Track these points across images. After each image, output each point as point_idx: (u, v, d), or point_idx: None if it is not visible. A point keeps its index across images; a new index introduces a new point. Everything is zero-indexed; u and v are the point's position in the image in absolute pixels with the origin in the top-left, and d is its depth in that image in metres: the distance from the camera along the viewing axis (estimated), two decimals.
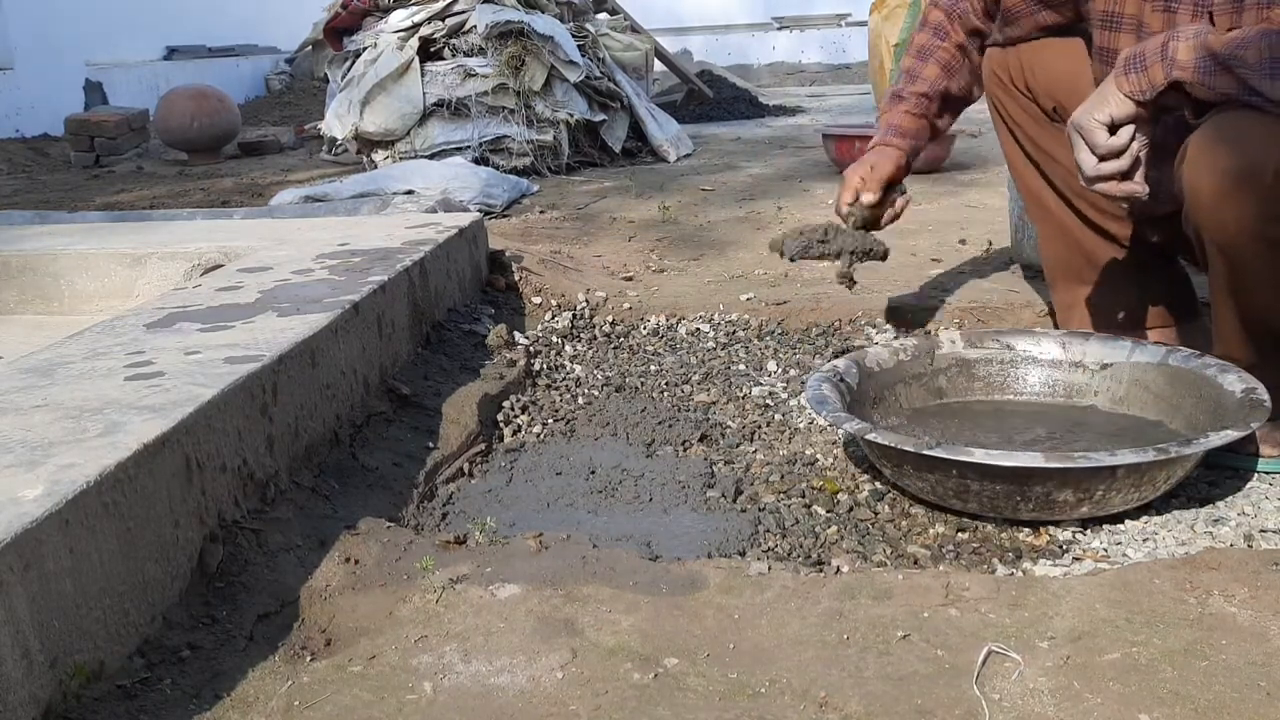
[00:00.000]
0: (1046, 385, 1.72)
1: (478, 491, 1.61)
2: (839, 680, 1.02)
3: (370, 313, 1.74)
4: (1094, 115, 1.44)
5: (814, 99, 8.21)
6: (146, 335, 1.53)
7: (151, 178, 5.31)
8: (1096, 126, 1.44)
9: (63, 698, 0.95)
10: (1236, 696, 0.96)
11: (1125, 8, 1.59)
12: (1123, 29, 1.61)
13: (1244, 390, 1.45)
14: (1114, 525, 1.41)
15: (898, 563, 1.35)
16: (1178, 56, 1.38)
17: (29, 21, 7.26)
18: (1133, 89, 1.42)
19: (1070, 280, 1.87)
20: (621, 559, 1.26)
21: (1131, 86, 1.42)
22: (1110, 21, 1.61)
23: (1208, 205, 1.39)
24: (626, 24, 6.68)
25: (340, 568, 1.25)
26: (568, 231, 3.34)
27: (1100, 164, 1.44)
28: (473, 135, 4.60)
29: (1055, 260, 1.88)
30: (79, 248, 2.33)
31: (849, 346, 2.15)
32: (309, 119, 6.62)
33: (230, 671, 1.07)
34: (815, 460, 1.65)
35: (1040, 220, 1.89)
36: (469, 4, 4.81)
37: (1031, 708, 0.97)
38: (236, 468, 1.28)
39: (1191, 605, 1.10)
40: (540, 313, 2.42)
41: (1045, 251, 1.91)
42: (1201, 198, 1.40)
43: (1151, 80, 1.40)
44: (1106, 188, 1.46)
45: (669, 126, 5.35)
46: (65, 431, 1.14)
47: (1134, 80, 1.41)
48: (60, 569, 0.96)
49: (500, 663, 1.07)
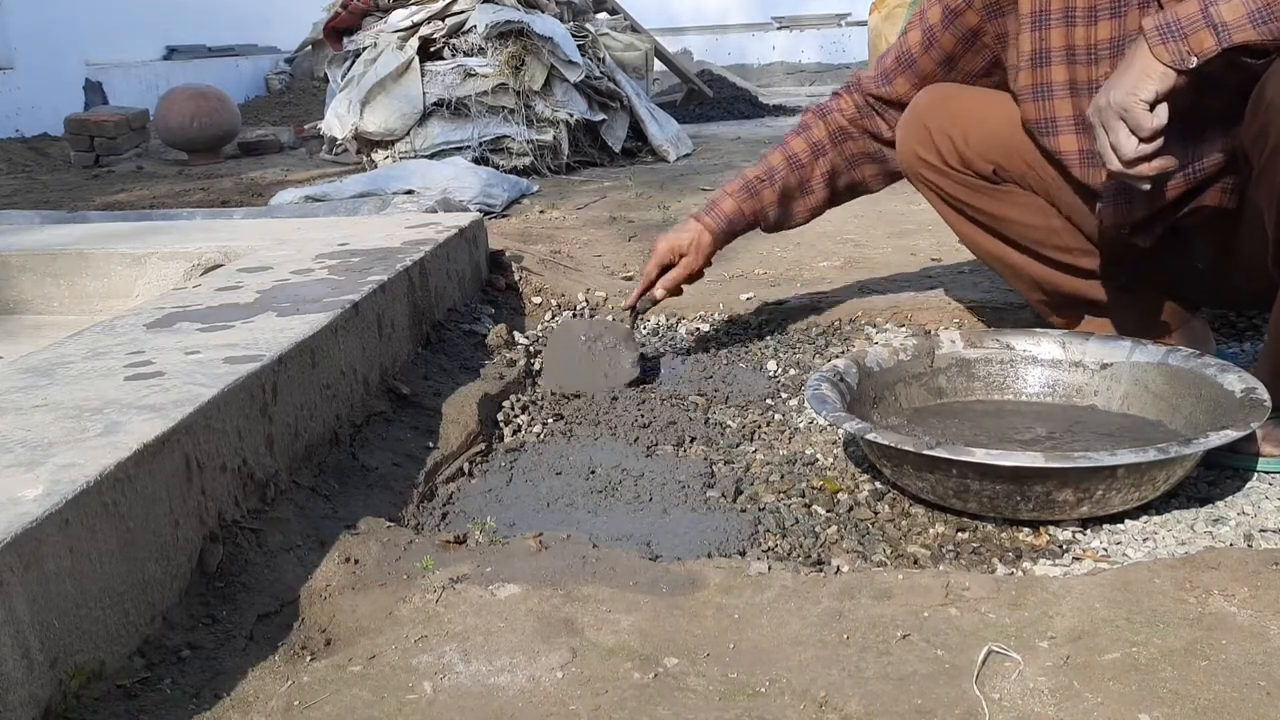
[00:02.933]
0: (1046, 385, 1.72)
1: (478, 491, 1.61)
2: (839, 680, 1.02)
3: (370, 312, 1.74)
4: (1139, 95, 1.34)
5: (814, 99, 8.21)
6: (146, 335, 1.53)
7: (151, 178, 5.31)
8: (1142, 108, 1.35)
9: (63, 698, 0.95)
10: (1236, 696, 0.96)
11: (1052, 75, 1.61)
12: (1054, 95, 1.63)
13: (1244, 390, 1.45)
14: (1114, 525, 1.41)
15: (898, 562, 1.35)
16: (1226, 18, 1.30)
17: (29, 21, 7.26)
18: (1174, 58, 1.33)
19: (1064, 313, 1.88)
20: (621, 559, 1.26)
21: (1173, 56, 1.33)
22: (1039, 85, 1.64)
23: None
24: (626, 24, 6.68)
25: (340, 568, 1.25)
26: (568, 231, 3.34)
27: (1142, 144, 1.37)
28: (473, 135, 4.60)
29: (1043, 303, 1.89)
30: (79, 248, 2.33)
31: (849, 346, 2.15)
32: (309, 119, 6.62)
33: (230, 671, 1.07)
34: (815, 460, 1.65)
35: (1012, 278, 1.88)
36: (469, 4, 4.82)
37: (1031, 707, 0.97)
38: (236, 468, 1.28)
39: (1191, 605, 1.10)
40: (540, 313, 2.42)
41: (1030, 298, 1.91)
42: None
43: (1196, 47, 1.31)
44: (1142, 169, 1.39)
45: (669, 126, 5.35)
46: (65, 431, 1.14)
47: (1174, 49, 1.32)
48: (60, 569, 0.96)
49: (500, 662, 1.07)
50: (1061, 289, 1.82)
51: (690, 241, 1.98)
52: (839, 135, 1.93)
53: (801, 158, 1.93)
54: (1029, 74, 1.64)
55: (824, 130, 1.93)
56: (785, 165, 1.94)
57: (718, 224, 1.97)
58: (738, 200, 1.96)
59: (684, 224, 2.02)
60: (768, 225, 2.00)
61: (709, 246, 1.99)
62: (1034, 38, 1.62)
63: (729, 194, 1.97)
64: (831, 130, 1.93)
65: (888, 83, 1.86)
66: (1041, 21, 1.61)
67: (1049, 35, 1.61)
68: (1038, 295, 1.87)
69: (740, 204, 1.96)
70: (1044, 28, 1.61)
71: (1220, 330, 2.05)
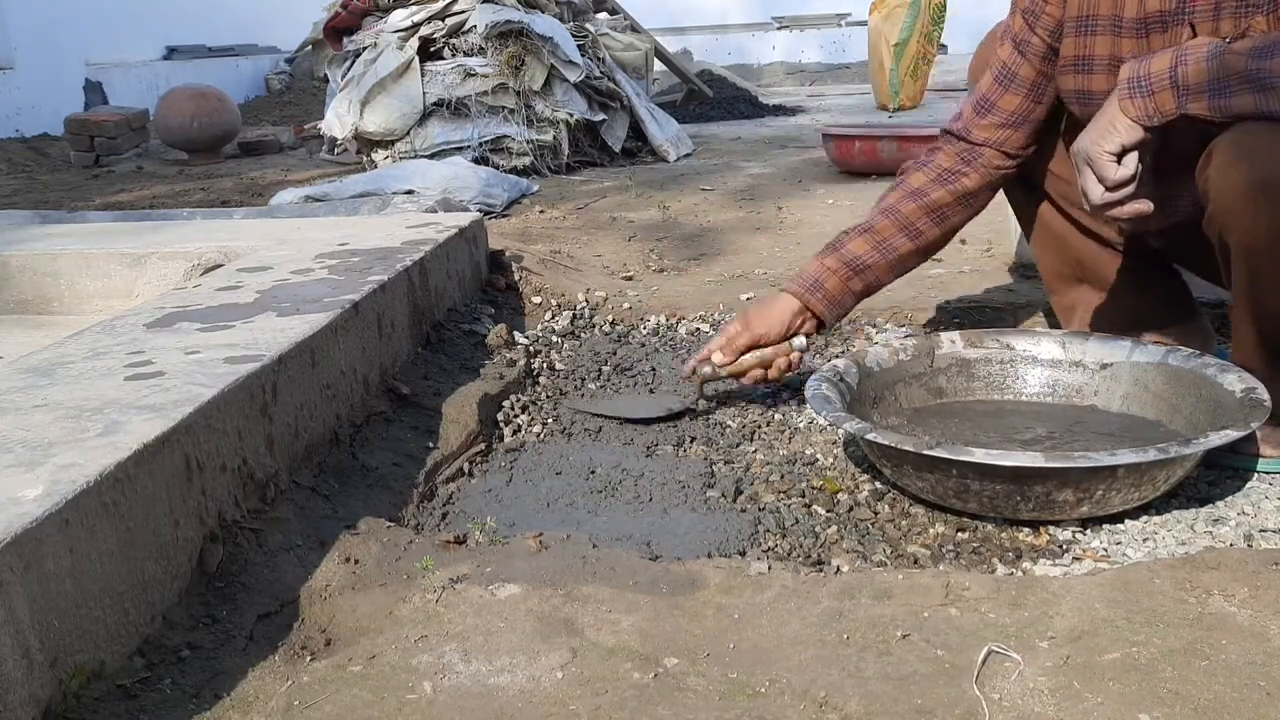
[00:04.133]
0: (1046, 385, 1.72)
1: (478, 491, 1.61)
2: (839, 680, 1.02)
3: (370, 312, 1.74)
4: (1104, 146, 1.40)
5: (814, 98, 8.21)
6: (146, 335, 1.53)
7: (151, 177, 5.31)
8: (1107, 159, 1.40)
9: (63, 697, 0.95)
10: (1236, 696, 0.96)
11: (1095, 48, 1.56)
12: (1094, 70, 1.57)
13: (1244, 390, 1.44)
14: (1114, 525, 1.41)
15: (898, 562, 1.35)
16: (1189, 81, 1.34)
17: (29, 21, 7.26)
18: (1139, 114, 1.38)
19: (1067, 286, 1.86)
20: (621, 559, 1.26)
21: (1138, 111, 1.38)
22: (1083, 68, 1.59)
23: (1236, 210, 1.36)
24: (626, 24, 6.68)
25: (340, 568, 1.25)
26: (568, 231, 3.33)
27: (1108, 193, 1.42)
28: (473, 135, 4.60)
29: (1051, 268, 1.87)
30: (79, 248, 2.33)
31: (849, 346, 2.15)
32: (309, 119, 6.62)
33: (230, 671, 1.07)
34: (815, 460, 1.65)
35: (1034, 230, 1.86)
36: (469, 4, 4.81)
37: (1031, 707, 0.97)
38: (236, 467, 1.28)
39: (1191, 605, 1.10)
40: (540, 312, 2.42)
41: (1041, 260, 1.89)
42: (1230, 202, 1.37)
43: (1160, 107, 1.37)
44: (1114, 212, 1.44)
45: (669, 126, 5.35)
46: (65, 431, 1.14)
47: (1140, 105, 1.38)
48: (60, 569, 0.96)
49: (500, 662, 1.07)
50: (1079, 253, 1.79)
51: (763, 306, 1.77)
52: (966, 200, 1.74)
53: (920, 226, 1.74)
54: (1072, 44, 1.59)
55: (949, 195, 1.73)
56: (879, 214, 1.77)
57: (800, 285, 1.75)
58: (820, 258, 1.77)
59: (776, 300, 1.78)
60: (871, 278, 1.78)
61: (785, 309, 1.76)
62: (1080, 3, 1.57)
63: (814, 256, 1.77)
64: (957, 195, 1.73)
65: (988, 111, 1.70)
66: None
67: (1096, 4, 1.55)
68: (1051, 257, 1.84)
69: (823, 260, 1.76)
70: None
71: (1221, 330, 2.05)
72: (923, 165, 1.76)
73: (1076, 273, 1.83)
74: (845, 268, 1.75)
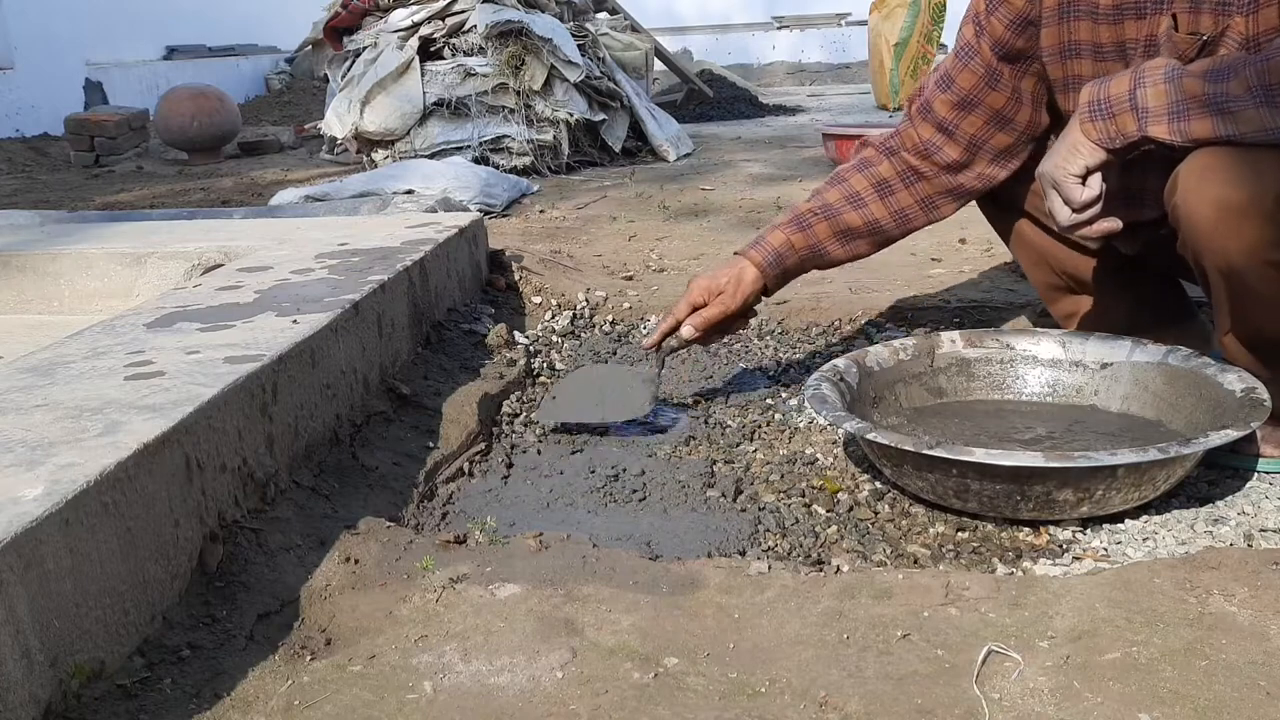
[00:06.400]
0: (1046, 385, 1.72)
1: (478, 491, 1.62)
2: (839, 680, 1.02)
3: (370, 312, 1.74)
4: (1068, 169, 1.41)
5: (814, 98, 8.22)
6: (146, 335, 1.53)
7: (151, 177, 5.31)
8: (1072, 181, 1.41)
9: (63, 697, 0.95)
10: (1236, 696, 0.96)
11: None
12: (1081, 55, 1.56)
13: (1244, 390, 1.44)
14: (1114, 525, 1.41)
15: (898, 562, 1.35)
16: (1149, 104, 1.35)
17: (29, 21, 7.26)
18: (1101, 136, 1.38)
19: (1063, 298, 1.87)
20: (621, 559, 1.26)
21: (1099, 134, 1.38)
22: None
23: (1208, 233, 1.36)
24: (626, 24, 6.68)
25: (340, 567, 1.25)
26: (568, 231, 3.34)
27: (1075, 214, 1.43)
28: (473, 135, 4.60)
29: (1042, 282, 1.87)
30: (79, 248, 2.33)
31: (849, 346, 2.15)
32: (309, 119, 6.63)
33: (230, 671, 1.07)
34: (815, 460, 1.65)
35: (1020, 250, 1.86)
36: (469, 4, 4.82)
37: (1031, 707, 0.97)
38: (236, 467, 1.28)
39: (1191, 605, 1.10)
40: (540, 312, 2.42)
41: (1031, 275, 1.89)
42: (1201, 226, 1.37)
43: (1121, 130, 1.37)
44: (1083, 231, 1.46)
45: (669, 126, 5.35)
46: (65, 431, 1.14)
47: (1101, 128, 1.38)
48: (60, 569, 0.96)
49: (500, 662, 1.07)
50: (1066, 266, 1.80)
51: (729, 279, 1.73)
52: (910, 176, 1.72)
53: (864, 195, 1.73)
54: (1052, 32, 1.58)
55: (891, 169, 1.73)
56: (843, 201, 1.73)
57: (764, 257, 1.72)
58: (786, 233, 1.73)
59: (727, 261, 1.79)
60: (825, 262, 1.78)
61: (751, 284, 1.73)
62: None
63: (776, 226, 1.75)
64: (900, 170, 1.72)
65: (948, 87, 1.67)
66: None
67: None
68: (1041, 274, 1.85)
69: (789, 236, 1.73)
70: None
71: None
72: (886, 149, 1.75)
73: (1068, 284, 1.84)
74: (808, 249, 1.74)
